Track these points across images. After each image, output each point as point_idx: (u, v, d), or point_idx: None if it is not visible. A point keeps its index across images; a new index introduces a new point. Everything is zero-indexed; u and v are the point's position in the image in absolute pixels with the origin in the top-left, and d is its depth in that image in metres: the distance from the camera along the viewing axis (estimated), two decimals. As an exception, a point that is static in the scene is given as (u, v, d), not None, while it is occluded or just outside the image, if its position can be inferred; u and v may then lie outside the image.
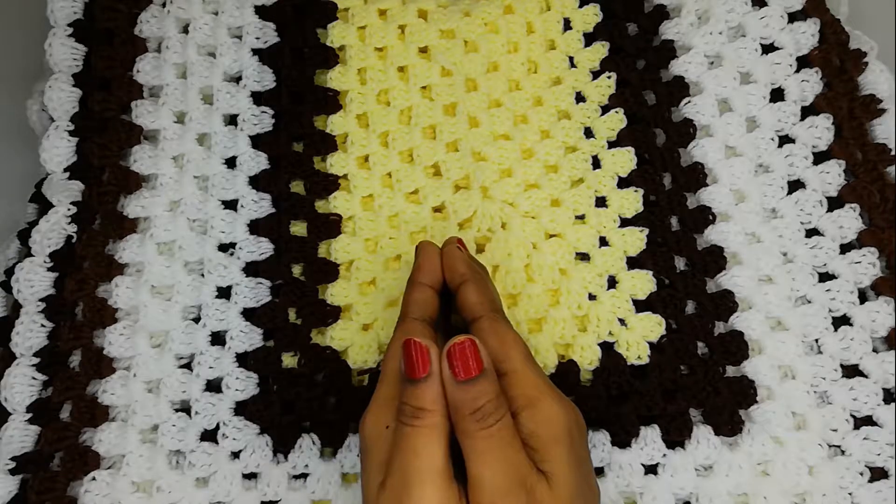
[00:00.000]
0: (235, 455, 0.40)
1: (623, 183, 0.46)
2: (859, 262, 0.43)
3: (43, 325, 0.41)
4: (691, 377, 0.42)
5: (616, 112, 0.47)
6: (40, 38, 0.46)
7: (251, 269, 0.44)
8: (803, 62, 0.48)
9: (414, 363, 0.31)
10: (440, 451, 0.30)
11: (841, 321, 0.43)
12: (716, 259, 0.44)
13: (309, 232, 0.45)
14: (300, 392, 0.41)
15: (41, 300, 0.42)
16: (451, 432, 0.31)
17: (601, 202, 0.46)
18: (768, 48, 0.48)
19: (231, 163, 0.46)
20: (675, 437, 0.40)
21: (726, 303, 0.43)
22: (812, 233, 0.45)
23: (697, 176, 0.46)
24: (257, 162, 0.46)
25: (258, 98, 0.47)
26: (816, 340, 0.42)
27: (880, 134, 0.46)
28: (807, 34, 0.48)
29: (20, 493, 0.39)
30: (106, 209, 0.44)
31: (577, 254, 0.45)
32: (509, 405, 0.32)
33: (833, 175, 0.45)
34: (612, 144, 0.47)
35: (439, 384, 0.31)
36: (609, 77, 0.48)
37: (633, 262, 0.44)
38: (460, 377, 0.31)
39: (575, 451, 0.32)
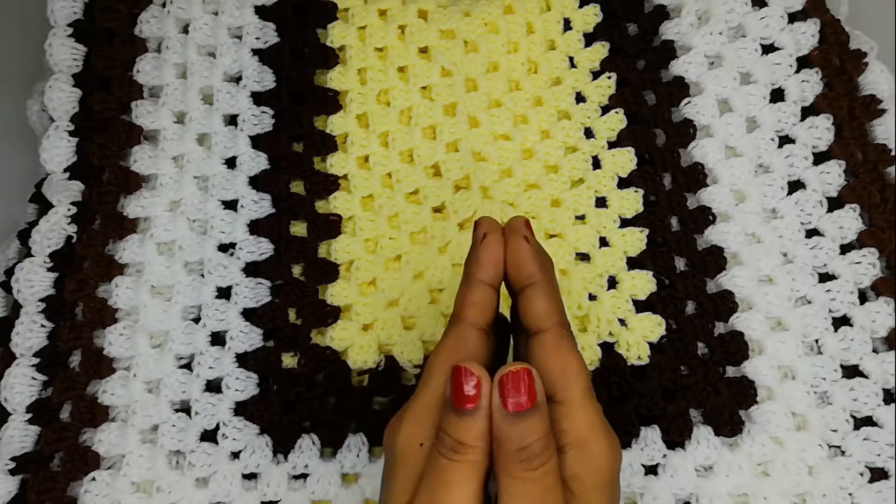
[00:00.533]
0: (235, 455, 0.40)
1: (623, 183, 0.46)
2: (859, 263, 0.43)
3: (43, 325, 0.41)
4: (691, 377, 0.42)
5: (616, 112, 0.47)
6: (40, 38, 0.46)
7: (251, 270, 0.44)
8: (803, 62, 0.48)
9: (462, 394, 0.28)
10: (474, 488, 0.28)
11: (841, 321, 0.43)
12: (716, 259, 0.44)
13: (309, 232, 0.45)
14: (300, 392, 0.41)
15: (41, 300, 0.42)
16: (489, 466, 0.29)
17: (601, 202, 0.46)
18: (768, 48, 0.48)
19: (231, 163, 0.46)
20: (675, 438, 0.40)
21: (726, 303, 0.43)
22: (812, 233, 0.45)
23: (697, 176, 0.46)
24: (257, 162, 0.46)
25: (258, 98, 0.47)
26: (816, 341, 0.42)
27: (880, 134, 0.46)
28: (807, 34, 0.48)
29: (20, 493, 0.39)
30: (106, 209, 0.44)
31: (577, 254, 0.45)
32: (556, 438, 0.29)
33: (833, 175, 0.45)
34: (612, 144, 0.47)
35: (486, 420, 0.28)
36: (609, 77, 0.48)
37: (633, 263, 0.44)
38: (510, 409, 0.28)
39: (613, 497, 0.29)
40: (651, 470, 0.40)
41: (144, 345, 0.42)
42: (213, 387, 0.42)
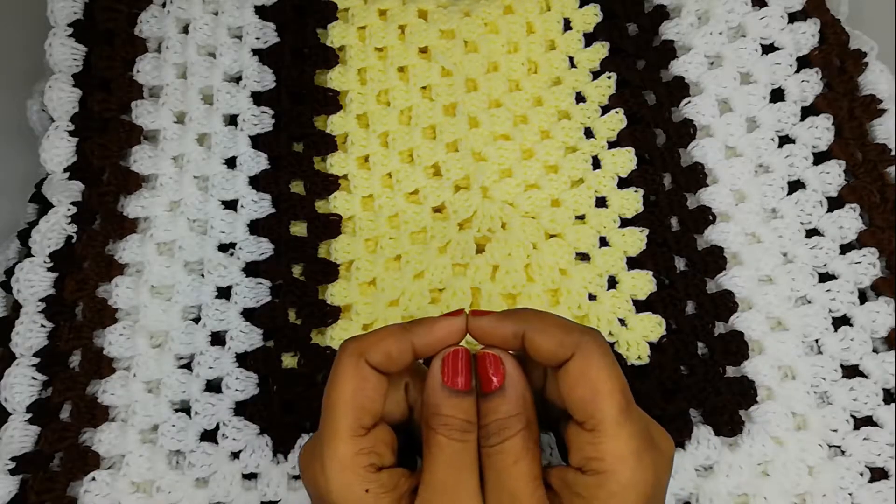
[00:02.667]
0: (235, 455, 0.40)
1: (623, 183, 0.46)
2: (859, 263, 0.43)
3: (43, 325, 0.41)
4: (691, 377, 0.42)
5: (616, 112, 0.47)
6: (40, 38, 0.46)
7: (251, 269, 0.44)
8: (803, 62, 0.48)
9: (467, 376, 0.29)
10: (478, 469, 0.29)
11: (841, 321, 0.43)
12: (716, 259, 0.44)
13: (309, 232, 0.45)
14: (300, 392, 0.41)
15: (41, 300, 0.42)
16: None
17: (601, 202, 0.46)
18: (768, 48, 0.48)
19: (231, 163, 0.46)
20: (676, 438, 0.40)
21: (726, 303, 0.43)
22: (812, 233, 0.45)
23: (697, 176, 0.46)
24: (257, 162, 0.46)
25: (258, 98, 0.47)
26: (816, 341, 0.42)
27: (880, 134, 0.46)
28: (807, 34, 0.48)
29: (20, 493, 0.39)
30: (106, 209, 0.44)
31: (577, 254, 0.45)
32: (582, 464, 0.28)
33: (833, 175, 0.45)
34: (612, 144, 0.47)
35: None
36: (609, 77, 0.48)
37: (633, 263, 0.44)
38: (482, 388, 0.29)
39: None
40: (651, 470, 0.40)
41: (144, 345, 0.42)
42: (213, 387, 0.42)
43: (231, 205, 0.45)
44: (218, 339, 0.43)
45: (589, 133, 0.48)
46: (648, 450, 0.28)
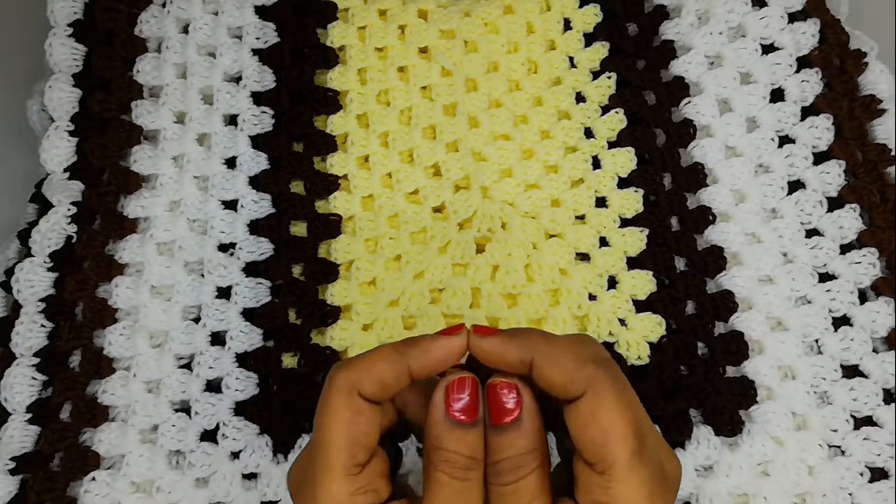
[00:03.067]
0: (235, 455, 0.40)
1: (623, 183, 0.46)
2: (859, 263, 0.43)
3: (43, 325, 0.41)
4: (691, 377, 0.42)
5: (616, 112, 0.47)
6: (40, 38, 0.46)
7: (251, 269, 0.44)
8: (803, 62, 0.48)
9: (470, 407, 0.26)
10: None
11: (841, 321, 0.43)
12: (716, 259, 0.44)
13: (309, 232, 0.45)
14: (300, 392, 0.41)
15: (41, 300, 0.42)
16: None
17: (601, 202, 0.46)
18: (768, 48, 0.48)
19: (231, 163, 0.46)
20: (675, 437, 0.40)
21: (726, 303, 0.43)
22: (812, 233, 0.45)
23: (697, 176, 0.46)
24: (257, 162, 0.46)
25: (258, 98, 0.47)
26: (816, 340, 0.42)
27: (880, 134, 0.46)
28: (807, 34, 0.48)
29: (20, 493, 0.39)
30: (106, 209, 0.44)
31: (577, 254, 0.45)
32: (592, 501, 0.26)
33: (833, 175, 0.45)
34: (612, 144, 0.47)
35: (483, 429, 0.27)
36: (609, 77, 0.48)
37: (633, 262, 0.44)
38: (495, 421, 0.26)
39: None
40: (651, 470, 0.40)
41: (144, 345, 0.42)
42: (213, 387, 0.42)
43: (231, 205, 0.45)
44: (218, 339, 0.43)
45: (589, 133, 0.48)
46: (660, 492, 0.27)
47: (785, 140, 0.46)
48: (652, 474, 0.26)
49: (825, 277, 0.44)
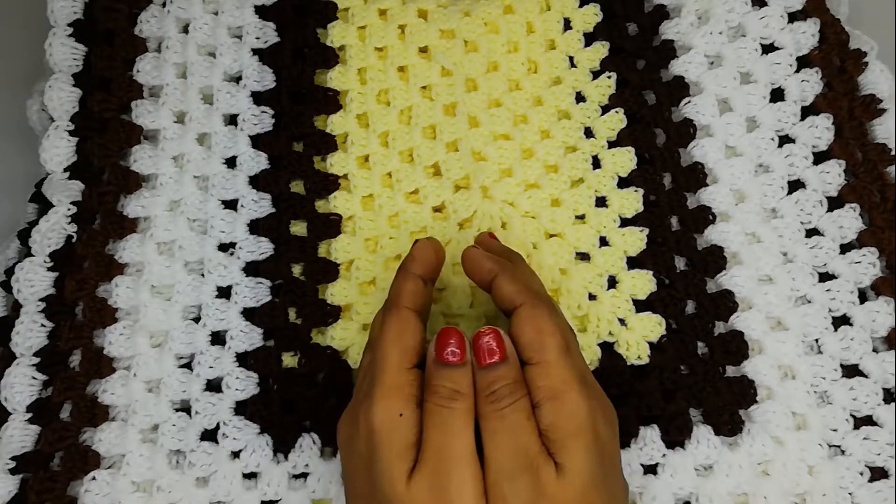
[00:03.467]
0: (235, 455, 0.40)
1: (623, 183, 0.46)
2: (859, 262, 0.43)
3: (43, 325, 0.41)
4: (691, 377, 0.42)
5: (616, 112, 0.47)
6: (40, 38, 0.46)
7: (251, 269, 0.44)
8: (803, 62, 0.48)
9: (455, 351, 0.33)
10: (472, 433, 0.32)
11: (841, 321, 0.43)
12: (716, 259, 0.44)
13: (309, 232, 0.45)
14: (300, 392, 0.41)
15: (41, 300, 0.42)
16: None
17: (601, 202, 0.46)
18: (768, 48, 0.48)
19: (231, 163, 0.46)
20: (675, 437, 0.40)
21: (726, 303, 0.43)
22: (812, 233, 0.45)
23: (697, 176, 0.46)
24: (257, 162, 0.46)
25: (258, 98, 0.47)
26: (816, 340, 0.42)
27: (880, 134, 0.46)
28: (807, 34, 0.48)
29: (20, 492, 0.39)
30: (106, 209, 0.44)
31: (577, 254, 0.45)
32: (535, 395, 0.32)
33: (833, 175, 0.45)
34: (612, 144, 0.47)
35: (471, 371, 0.33)
36: (609, 77, 0.48)
37: (633, 262, 0.44)
38: (482, 363, 0.33)
39: (598, 446, 0.32)
40: (651, 469, 0.40)
41: (144, 344, 0.42)
42: (214, 386, 0.42)
43: (231, 205, 0.45)
44: (218, 338, 0.43)
45: (589, 133, 0.48)
46: (590, 387, 0.33)
47: (785, 140, 0.46)
48: (581, 369, 0.33)
49: (825, 277, 0.44)
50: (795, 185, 0.45)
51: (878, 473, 0.40)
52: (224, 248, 0.44)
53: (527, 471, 0.31)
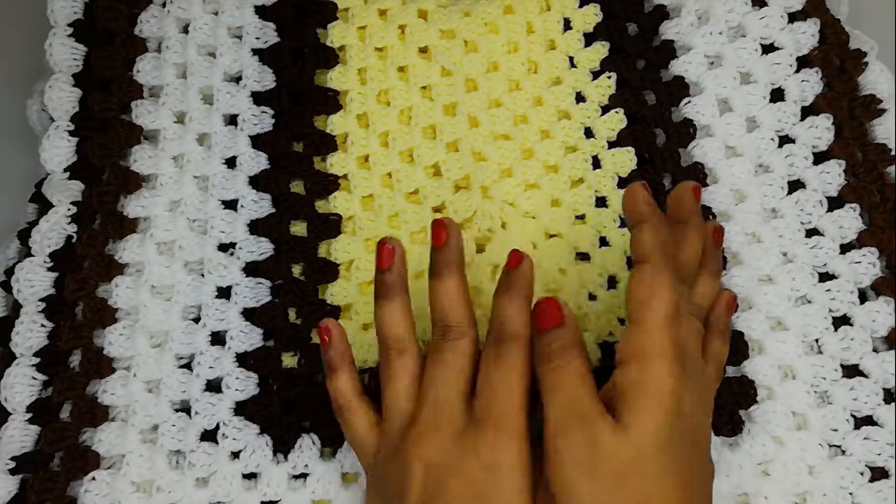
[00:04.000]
0: (235, 455, 0.40)
1: (623, 183, 0.46)
2: (859, 262, 0.43)
3: (43, 325, 0.41)
4: (691, 377, 0.42)
5: (616, 112, 0.47)
6: (40, 38, 0.46)
7: (251, 269, 0.44)
8: (803, 62, 0.48)
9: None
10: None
11: (841, 321, 0.43)
12: (716, 259, 0.44)
13: (309, 232, 0.45)
14: (300, 392, 0.41)
15: (41, 300, 0.42)
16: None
17: (601, 202, 0.46)
18: (768, 48, 0.48)
19: (231, 163, 0.46)
20: (676, 437, 0.40)
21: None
22: (812, 233, 0.45)
23: (697, 176, 0.46)
24: (257, 162, 0.46)
25: (258, 98, 0.47)
26: (816, 340, 0.42)
27: (880, 134, 0.46)
28: (807, 34, 0.48)
29: (20, 492, 0.39)
30: (106, 209, 0.44)
31: (577, 254, 0.45)
32: (622, 352, 0.32)
33: (833, 175, 0.45)
34: (612, 144, 0.47)
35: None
36: (609, 77, 0.48)
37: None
38: (541, 328, 0.33)
39: (678, 418, 0.30)
40: (651, 470, 0.40)
41: (144, 345, 0.42)
42: (213, 387, 0.42)
43: (231, 205, 0.45)
44: (218, 339, 0.43)
45: (589, 133, 0.48)
46: (689, 369, 0.31)
47: (785, 140, 0.46)
48: (683, 350, 0.32)
49: (825, 277, 0.44)
50: (795, 185, 0.45)
51: (878, 473, 0.40)
52: (224, 248, 0.44)
53: (581, 425, 0.30)
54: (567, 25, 0.50)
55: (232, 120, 0.47)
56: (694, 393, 0.32)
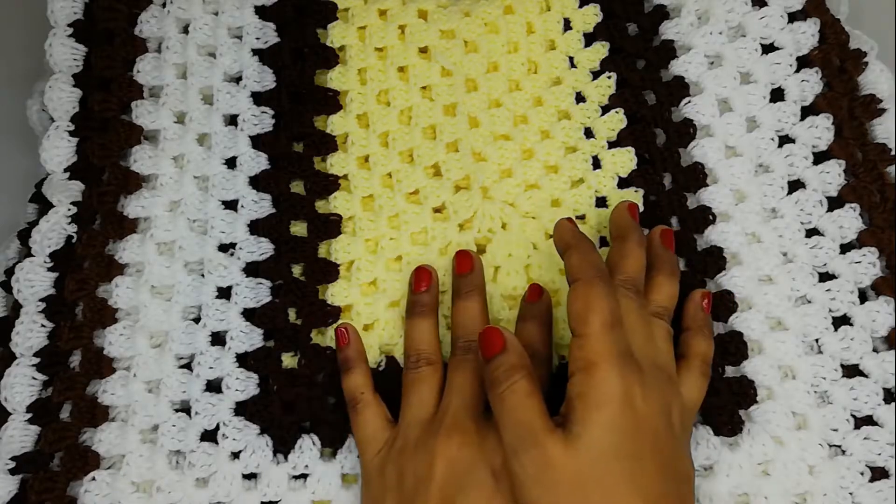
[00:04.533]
0: (235, 455, 0.40)
1: (623, 183, 0.46)
2: (859, 262, 0.43)
3: (43, 325, 0.41)
4: (691, 377, 0.42)
5: (616, 112, 0.47)
6: (40, 38, 0.46)
7: (251, 269, 0.44)
8: (803, 62, 0.48)
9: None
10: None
11: (841, 321, 0.43)
12: (716, 259, 0.44)
13: (309, 232, 0.45)
14: (300, 392, 0.41)
15: (41, 300, 0.42)
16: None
17: (601, 202, 0.46)
18: (768, 48, 0.48)
19: (231, 163, 0.46)
20: (676, 437, 0.40)
21: (726, 303, 0.43)
22: (812, 233, 0.45)
23: (697, 176, 0.46)
24: (257, 162, 0.46)
25: (258, 98, 0.47)
26: (816, 340, 0.42)
27: (880, 134, 0.46)
28: (807, 34, 0.48)
29: (20, 493, 0.39)
30: (106, 209, 0.44)
31: (577, 254, 0.45)
32: (571, 366, 0.33)
33: (833, 175, 0.45)
34: (612, 144, 0.47)
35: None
36: (609, 77, 0.48)
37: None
38: (484, 356, 0.35)
39: (629, 420, 0.32)
40: (651, 470, 0.40)
41: (144, 345, 0.42)
42: (213, 387, 0.42)
43: (231, 205, 0.45)
44: (218, 339, 0.43)
45: (589, 133, 0.48)
46: (636, 370, 0.33)
47: (785, 140, 0.46)
48: (626, 352, 0.33)
49: (825, 277, 0.44)
50: (795, 185, 0.45)
51: (878, 473, 0.40)
52: (224, 248, 0.44)
53: (531, 445, 0.31)
54: (567, 25, 0.50)
55: (232, 120, 0.47)
56: (652, 392, 0.33)
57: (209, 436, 0.41)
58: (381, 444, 0.38)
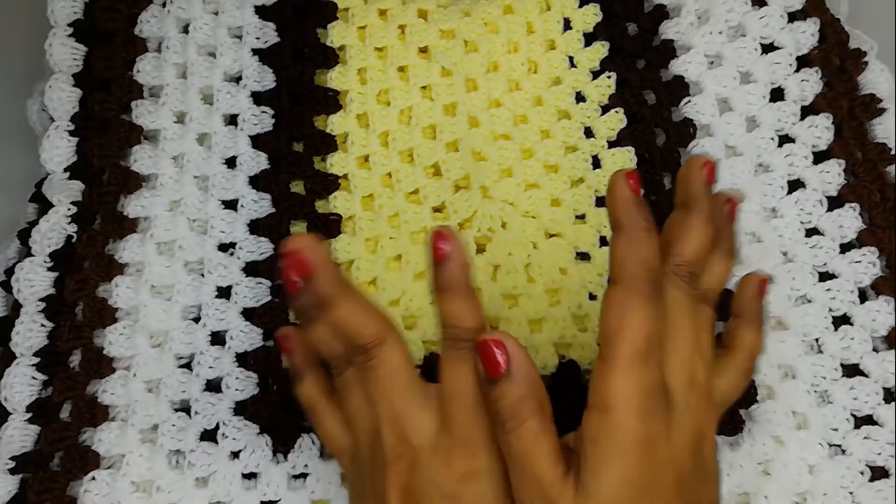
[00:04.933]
0: (235, 455, 0.40)
1: (623, 183, 0.46)
2: (859, 262, 0.43)
3: (43, 325, 0.41)
4: (691, 377, 0.41)
5: (616, 112, 0.47)
6: (40, 38, 0.46)
7: (251, 269, 0.44)
8: (803, 62, 0.48)
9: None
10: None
11: (841, 321, 0.43)
12: (716, 259, 0.44)
13: (309, 232, 0.45)
14: (300, 392, 0.41)
15: (41, 300, 0.42)
16: None
17: (601, 202, 0.46)
18: (768, 48, 0.48)
19: (231, 163, 0.46)
20: (676, 437, 0.40)
21: (726, 303, 0.43)
22: (812, 232, 0.45)
23: (697, 176, 0.46)
24: (257, 162, 0.46)
25: (258, 98, 0.47)
26: (817, 340, 0.42)
27: (880, 133, 0.46)
28: (807, 34, 0.48)
29: (20, 492, 0.39)
30: (106, 209, 0.44)
31: (577, 253, 0.45)
32: (590, 395, 0.28)
33: (833, 175, 0.45)
34: (612, 144, 0.47)
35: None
36: (609, 77, 0.48)
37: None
38: (487, 375, 0.29)
39: (643, 467, 0.27)
40: (651, 469, 0.40)
41: (144, 344, 0.42)
42: (213, 386, 0.42)
43: (231, 205, 0.45)
44: (218, 338, 0.43)
45: (589, 133, 0.48)
46: (662, 410, 0.28)
47: (785, 139, 0.46)
48: (655, 390, 0.27)
49: (825, 277, 0.44)
50: (795, 185, 0.45)
51: (878, 473, 0.40)
52: (224, 248, 0.44)
53: (539, 499, 0.28)
54: (567, 25, 0.50)
55: (232, 120, 0.47)
56: (681, 429, 0.28)
57: (209, 435, 0.41)
58: (347, 447, 0.34)
